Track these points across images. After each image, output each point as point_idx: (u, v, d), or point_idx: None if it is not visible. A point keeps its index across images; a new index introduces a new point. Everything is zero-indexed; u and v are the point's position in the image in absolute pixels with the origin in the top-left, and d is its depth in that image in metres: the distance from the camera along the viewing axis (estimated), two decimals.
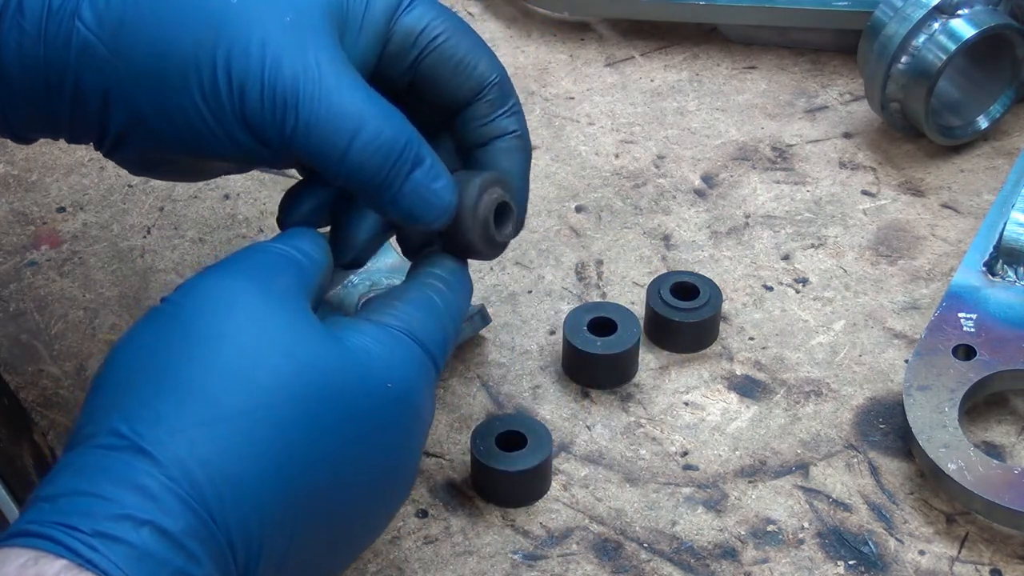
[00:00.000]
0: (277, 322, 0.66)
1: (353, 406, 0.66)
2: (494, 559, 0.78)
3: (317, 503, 0.65)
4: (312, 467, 0.64)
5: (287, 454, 0.63)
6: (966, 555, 0.78)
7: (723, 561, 0.78)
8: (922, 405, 0.81)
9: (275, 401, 0.64)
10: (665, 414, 0.85)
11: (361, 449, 0.66)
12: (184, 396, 0.63)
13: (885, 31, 0.96)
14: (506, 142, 0.76)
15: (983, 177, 0.98)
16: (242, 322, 0.65)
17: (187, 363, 0.64)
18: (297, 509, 0.64)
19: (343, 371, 0.66)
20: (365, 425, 0.66)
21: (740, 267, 0.92)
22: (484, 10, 1.09)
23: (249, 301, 0.66)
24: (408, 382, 0.69)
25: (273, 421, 0.63)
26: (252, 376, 0.64)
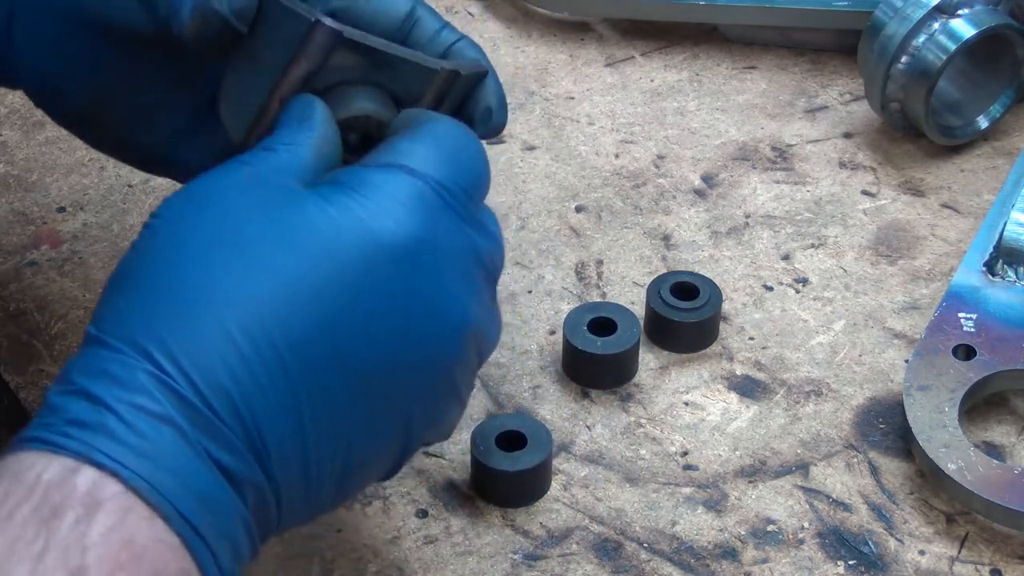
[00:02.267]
0: (245, 205, 0.64)
1: (323, 256, 0.63)
2: (494, 559, 0.78)
3: (312, 370, 0.63)
4: (288, 330, 0.62)
5: (256, 324, 0.62)
6: (966, 555, 0.78)
7: (723, 561, 0.78)
8: (922, 405, 0.81)
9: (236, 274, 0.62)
10: (665, 414, 0.85)
11: (348, 301, 0.63)
12: (144, 290, 0.62)
13: (885, 31, 0.96)
14: (458, 47, 0.74)
15: (983, 177, 0.98)
16: (209, 215, 0.64)
17: (150, 262, 0.63)
18: (288, 378, 0.62)
19: (310, 224, 0.64)
20: (352, 277, 0.64)
21: (740, 267, 0.92)
22: (484, 10, 1.09)
23: (218, 196, 0.65)
24: (392, 214, 0.65)
25: (237, 296, 0.62)
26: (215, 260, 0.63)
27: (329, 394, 0.63)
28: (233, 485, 0.61)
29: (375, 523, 0.79)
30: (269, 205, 0.64)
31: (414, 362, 0.66)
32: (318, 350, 0.63)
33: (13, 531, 0.56)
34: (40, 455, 0.59)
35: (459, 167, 0.67)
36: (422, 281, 0.65)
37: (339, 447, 0.64)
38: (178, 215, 0.65)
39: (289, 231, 0.64)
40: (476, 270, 0.68)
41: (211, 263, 0.63)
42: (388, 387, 0.65)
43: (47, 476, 0.58)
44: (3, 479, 0.58)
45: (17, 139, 0.99)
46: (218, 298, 0.62)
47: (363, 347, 0.64)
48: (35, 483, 0.58)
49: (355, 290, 0.64)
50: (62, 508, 0.57)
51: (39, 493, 0.58)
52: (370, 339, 0.64)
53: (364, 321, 0.64)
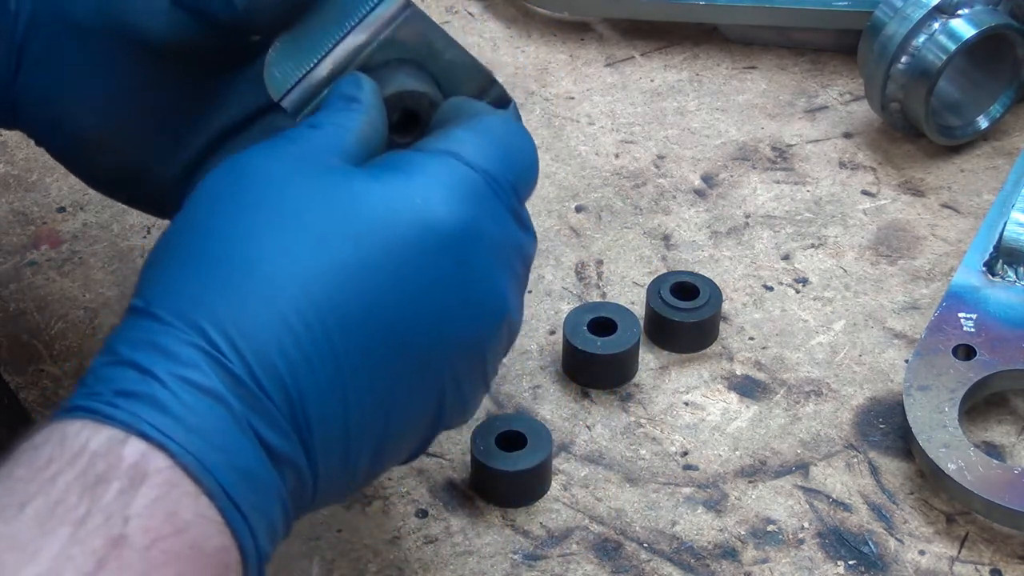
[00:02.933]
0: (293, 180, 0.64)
1: (376, 238, 0.64)
2: (494, 559, 0.78)
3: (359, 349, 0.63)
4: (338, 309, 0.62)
5: (308, 302, 0.62)
6: (966, 555, 0.78)
7: (723, 561, 0.78)
8: (922, 405, 0.81)
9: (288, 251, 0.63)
10: (665, 414, 0.85)
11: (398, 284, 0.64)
12: (193, 263, 0.62)
13: (885, 31, 0.96)
14: None
15: (983, 177, 0.98)
16: (256, 188, 0.64)
17: (198, 235, 0.63)
18: (336, 357, 0.62)
19: (364, 204, 0.64)
20: (404, 260, 0.64)
21: (740, 267, 0.92)
22: (484, 10, 1.09)
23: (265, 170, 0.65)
24: (446, 200, 0.65)
25: (289, 272, 0.62)
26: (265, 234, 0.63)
27: (373, 376, 0.63)
28: (275, 464, 0.61)
29: (375, 523, 0.79)
30: (318, 182, 0.65)
31: (455, 345, 0.66)
32: (366, 332, 0.63)
33: (55, 494, 0.57)
34: (87, 423, 0.59)
35: (511, 162, 0.68)
36: (469, 268, 0.66)
37: (377, 427, 0.64)
38: (224, 189, 0.65)
39: (340, 209, 0.64)
40: (516, 261, 0.69)
41: (261, 238, 0.63)
42: (428, 368, 0.65)
43: (93, 445, 0.58)
44: (48, 444, 0.58)
45: (17, 139, 0.99)
46: (270, 274, 0.62)
47: (409, 330, 0.64)
48: (81, 450, 0.58)
49: (405, 273, 0.64)
50: (107, 477, 0.57)
51: (84, 460, 0.58)
52: (416, 322, 0.64)
53: (412, 304, 0.64)
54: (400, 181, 0.65)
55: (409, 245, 0.64)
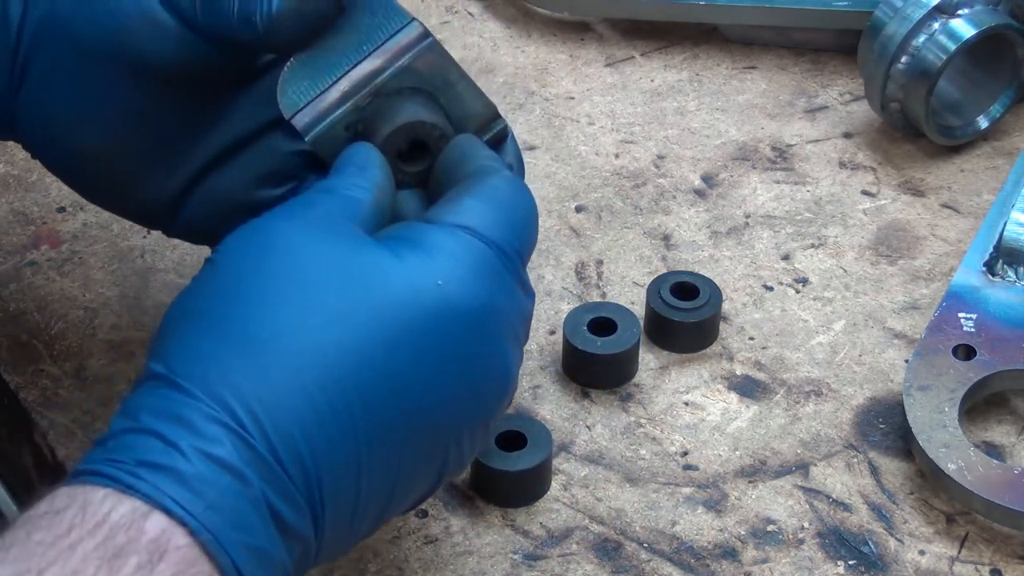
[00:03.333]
0: (316, 250, 0.65)
1: (398, 317, 0.65)
2: (494, 559, 0.78)
3: (377, 427, 0.64)
4: (361, 388, 0.63)
5: (332, 380, 0.63)
6: (966, 555, 0.78)
7: (723, 561, 0.78)
8: (922, 405, 0.81)
9: (312, 325, 0.63)
10: (665, 414, 0.85)
11: (419, 363, 0.65)
12: (217, 332, 0.63)
13: (885, 31, 0.96)
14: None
15: (983, 177, 0.98)
16: (279, 256, 0.65)
17: (221, 302, 0.64)
18: (355, 435, 0.63)
19: (386, 282, 0.65)
20: (423, 339, 0.65)
21: (740, 267, 0.92)
22: (484, 10, 1.09)
23: (286, 236, 0.65)
24: (464, 280, 0.67)
25: (313, 348, 0.63)
26: (289, 305, 0.63)
27: (388, 450, 0.64)
28: (285, 537, 0.62)
29: None
30: (340, 253, 0.66)
31: (465, 416, 0.68)
32: (385, 409, 0.64)
33: (74, 563, 0.57)
34: (110, 493, 0.59)
35: (518, 230, 0.70)
36: (484, 344, 0.67)
37: (384, 493, 0.65)
38: (244, 253, 0.66)
39: (363, 285, 0.65)
40: (520, 328, 0.70)
41: (285, 310, 0.64)
42: (438, 437, 0.67)
43: (115, 516, 0.58)
44: (69, 510, 0.59)
45: None
46: (294, 349, 0.63)
47: (425, 406, 0.65)
48: (102, 520, 0.58)
49: (425, 352, 0.65)
50: (127, 551, 0.58)
51: (105, 531, 0.58)
52: (432, 398, 0.66)
53: (429, 382, 0.65)
54: (419, 258, 0.66)
55: (429, 324, 0.65)
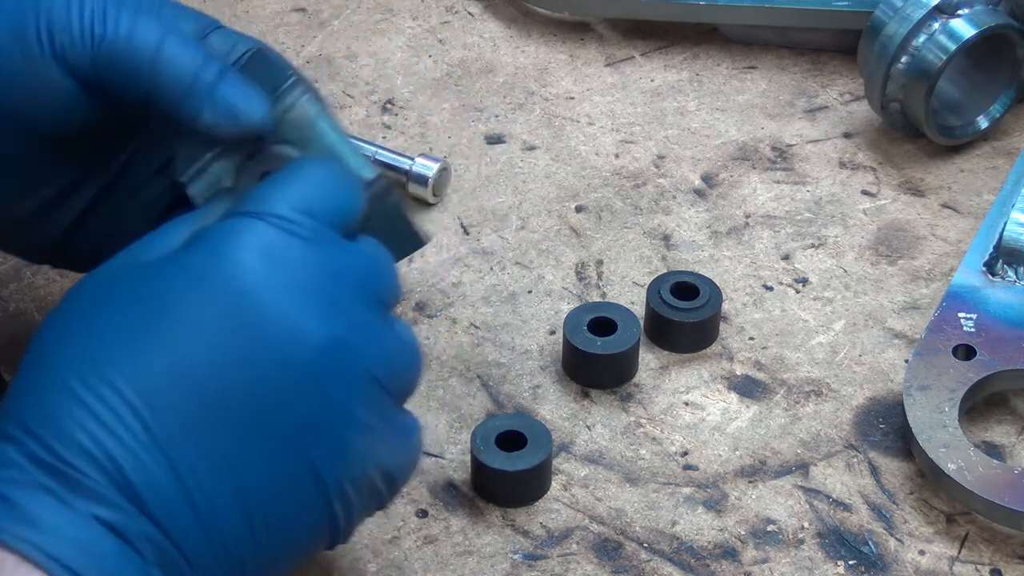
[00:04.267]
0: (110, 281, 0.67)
1: (168, 303, 0.65)
2: (494, 559, 0.78)
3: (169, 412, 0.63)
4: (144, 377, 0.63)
5: (99, 378, 0.63)
6: (966, 555, 0.78)
7: (723, 561, 0.78)
8: (922, 405, 0.81)
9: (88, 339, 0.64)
10: (665, 414, 0.85)
11: (198, 345, 0.64)
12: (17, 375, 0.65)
13: (885, 31, 0.96)
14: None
15: (983, 177, 0.98)
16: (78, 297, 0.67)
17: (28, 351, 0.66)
18: (147, 427, 0.63)
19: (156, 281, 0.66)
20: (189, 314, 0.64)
21: (740, 267, 0.92)
22: (484, 10, 1.09)
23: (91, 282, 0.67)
24: (233, 257, 0.65)
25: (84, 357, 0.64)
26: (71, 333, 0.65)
27: (189, 429, 0.63)
28: (123, 538, 0.62)
29: (375, 523, 0.79)
30: (129, 276, 0.66)
31: (271, 390, 0.65)
32: (160, 383, 0.63)
33: None
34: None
35: (303, 197, 0.68)
36: (263, 307, 0.65)
37: (225, 484, 0.64)
38: (64, 300, 0.67)
39: (137, 303, 0.65)
40: (337, 285, 0.67)
41: (68, 338, 0.65)
42: (254, 417, 0.64)
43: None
44: None
45: None
46: (63, 364, 0.64)
47: (209, 377, 0.64)
48: None
49: (197, 334, 0.64)
50: None
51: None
52: (212, 368, 0.64)
53: (207, 353, 0.64)
54: (192, 250, 0.66)
55: (200, 304, 0.65)
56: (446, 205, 0.95)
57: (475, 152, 0.99)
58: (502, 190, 0.96)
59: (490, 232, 0.94)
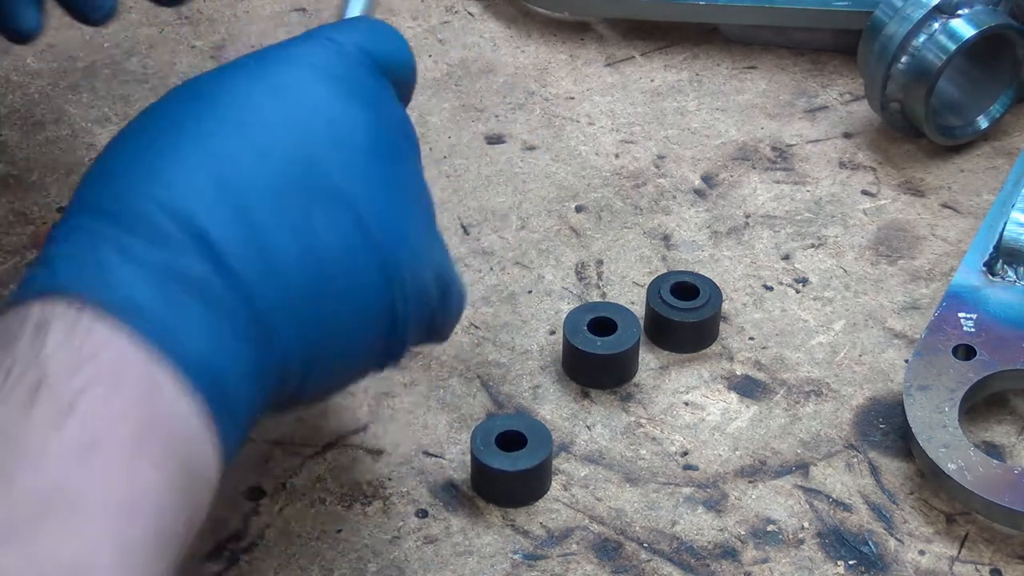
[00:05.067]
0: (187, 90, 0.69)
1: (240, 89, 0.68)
2: (494, 559, 0.78)
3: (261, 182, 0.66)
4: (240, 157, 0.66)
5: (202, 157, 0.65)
6: (966, 555, 0.78)
7: (723, 561, 0.78)
8: (922, 405, 0.81)
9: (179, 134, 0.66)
10: (665, 414, 0.85)
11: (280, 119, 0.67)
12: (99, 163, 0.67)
13: (885, 31, 0.96)
14: None
15: (983, 177, 0.98)
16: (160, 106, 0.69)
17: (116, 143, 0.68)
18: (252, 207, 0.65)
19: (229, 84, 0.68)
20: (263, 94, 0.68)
21: (740, 267, 0.92)
22: (484, 10, 1.09)
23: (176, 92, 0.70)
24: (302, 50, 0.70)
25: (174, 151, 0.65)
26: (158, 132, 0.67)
27: (263, 192, 0.65)
28: (199, 293, 0.62)
29: (375, 523, 0.79)
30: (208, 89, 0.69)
31: (336, 167, 0.68)
32: (235, 151, 0.66)
33: None
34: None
35: (371, 36, 0.72)
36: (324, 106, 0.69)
37: (297, 245, 0.65)
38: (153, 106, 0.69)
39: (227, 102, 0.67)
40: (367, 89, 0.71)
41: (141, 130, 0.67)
42: (323, 191, 0.67)
43: (7, 317, 0.61)
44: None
45: (17, 139, 0.99)
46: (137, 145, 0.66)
47: (278, 150, 0.66)
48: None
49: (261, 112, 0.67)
50: (17, 334, 0.59)
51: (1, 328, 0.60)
52: (280, 144, 0.67)
53: (274, 131, 0.67)
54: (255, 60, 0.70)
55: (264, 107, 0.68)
56: (446, 205, 0.95)
57: (475, 152, 0.99)
58: (502, 190, 0.96)
59: (490, 232, 0.94)
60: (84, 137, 0.99)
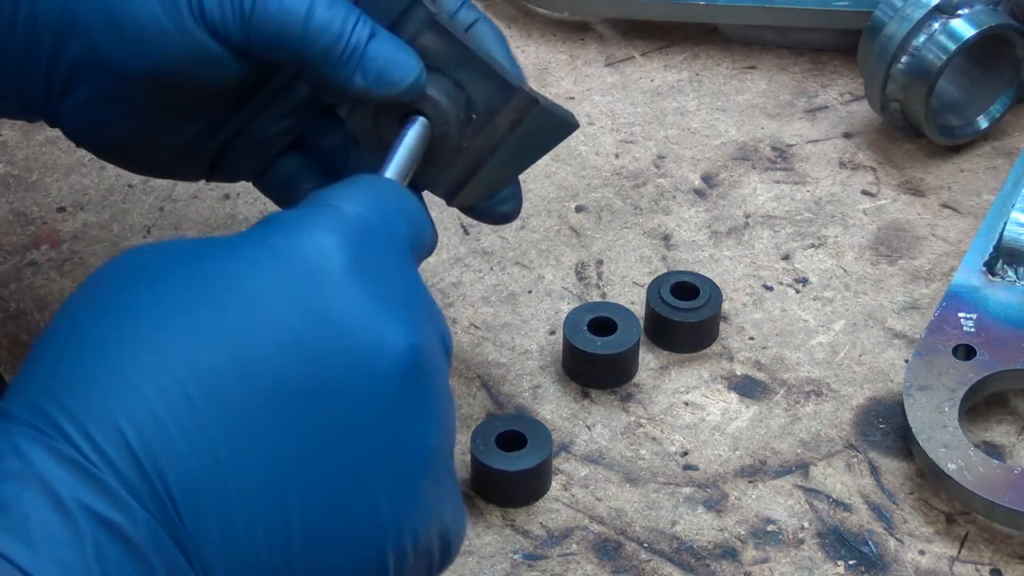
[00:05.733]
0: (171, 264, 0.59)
1: (241, 289, 0.57)
2: (494, 559, 0.78)
3: (229, 409, 0.56)
4: (208, 373, 0.56)
5: (165, 370, 0.56)
6: (966, 555, 0.78)
7: (723, 561, 0.78)
8: (922, 405, 0.81)
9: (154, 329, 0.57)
10: (665, 414, 0.85)
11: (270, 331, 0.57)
12: (50, 354, 0.58)
13: (885, 31, 0.96)
14: (477, 28, 0.77)
15: (983, 177, 0.98)
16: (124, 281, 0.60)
17: (57, 327, 0.59)
18: (202, 426, 0.55)
19: (230, 264, 0.58)
20: (264, 302, 0.57)
21: (740, 267, 0.92)
22: (484, 10, 1.09)
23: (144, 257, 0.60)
24: (315, 237, 0.59)
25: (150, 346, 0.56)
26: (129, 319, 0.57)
27: (250, 430, 0.56)
28: (128, 550, 0.54)
29: None
30: (186, 260, 0.60)
31: (347, 392, 0.58)
32: (230, 379, 0.56)
33: None
34: None
35: (387, 207, 0.63)
36: (346, 299, 0.58)
37: (272, 500, 0.56)
38: (89, 284, 0.61)
39: (199, 274, 0.58)
40: (412, 296, 0.62)
41: (116, 319, 0.57)
42: (319, 426, 0.57)
43: None
44: None
45: (17, 139, 0.99)
46: (118, 347, 0.56)
47: (282, 372, 0.57)
48: None
49: (267, 315, 0.57)
50: None
51: None
52: (288, 363, 0.57)
53: (278, 345, 0.57)
54: (263, 230, 0.60)
55: (269, 287, 0.58)
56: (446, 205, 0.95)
57: None
58: None
59: (490, 232, 0.94)
60: None
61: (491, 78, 0.73)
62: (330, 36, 0.71)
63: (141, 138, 0.77)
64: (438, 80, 0.73)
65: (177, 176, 0.82)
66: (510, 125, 0.74)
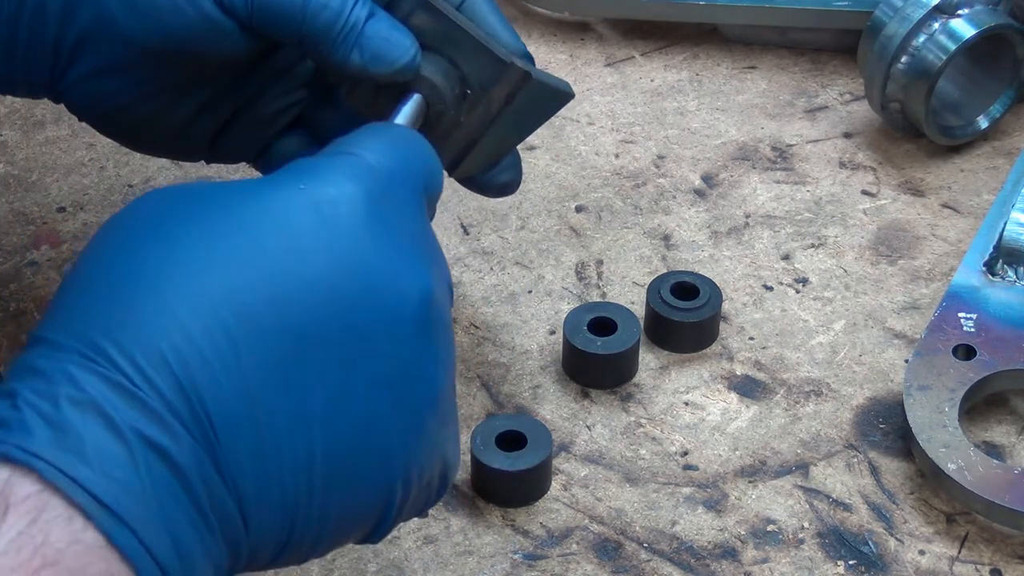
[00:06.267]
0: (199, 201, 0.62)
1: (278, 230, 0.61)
2: (494, 559, 0.78)
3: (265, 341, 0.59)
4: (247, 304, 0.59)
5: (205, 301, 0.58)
6: (966, 555, 0.78)
7: (723, 561, 0.78)
8: (922, 405, 0.81)
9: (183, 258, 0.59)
10: (665, 414, 0.85)
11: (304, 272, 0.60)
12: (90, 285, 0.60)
13: (885, 31, 0.96)
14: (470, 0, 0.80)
15: (983, 177, 0.98)
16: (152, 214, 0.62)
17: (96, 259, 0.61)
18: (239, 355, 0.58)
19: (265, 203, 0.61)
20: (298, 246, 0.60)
21: (740, 267, 0.92)
22: None
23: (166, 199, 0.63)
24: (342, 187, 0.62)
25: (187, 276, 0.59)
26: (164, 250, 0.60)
27: (283, 369, 0.59)
28: (171, 469, 0.57)
29: None
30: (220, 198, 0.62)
31: (370, 334, 0.61)
32: (266, 317, 0.59)
33: None
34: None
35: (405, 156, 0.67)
36: (370, 247, 0.62)
37: (298, 434, 0.59)
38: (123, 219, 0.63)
39: (237, 213, 0.61)
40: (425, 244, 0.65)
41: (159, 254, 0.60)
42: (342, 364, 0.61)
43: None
44: None
45: (17, 139, 0.99)
46: (162, 281, 0.59)
47: (313, 313, 0.60)
48: None
49: (302, 258, 0.60)
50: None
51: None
52: (319, 305, 0.60)
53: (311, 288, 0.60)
54: (293, 177, 0.63)
55: (303, 231, 0.61)
56: (446, 205, 0.95)
57: None
58: None
59: (490, 232, 0.94)
60: (84, 137, 0.99)
61: (483, 55, 0.75)
62: (330, 13, 0.73)
63: (144, 111, 0.78)
64: (433, 59, 0.75)
65: (178, 154, 0.83)
66: (505, 99, 0.75)
